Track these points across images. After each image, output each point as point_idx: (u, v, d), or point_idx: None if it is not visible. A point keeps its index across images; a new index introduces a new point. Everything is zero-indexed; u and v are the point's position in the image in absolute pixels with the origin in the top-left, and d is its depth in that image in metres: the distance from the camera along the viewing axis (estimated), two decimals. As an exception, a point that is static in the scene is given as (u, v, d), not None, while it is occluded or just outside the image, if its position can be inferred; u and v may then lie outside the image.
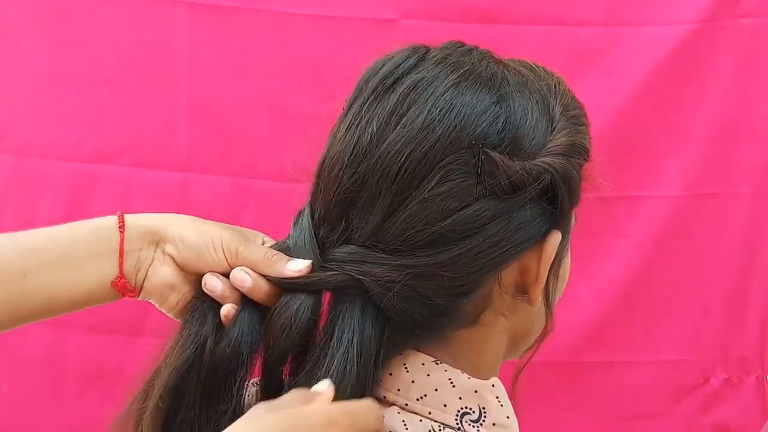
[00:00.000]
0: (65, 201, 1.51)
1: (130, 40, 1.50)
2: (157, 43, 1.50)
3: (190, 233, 0.65)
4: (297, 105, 1.50)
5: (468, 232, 0.57)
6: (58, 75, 1.50)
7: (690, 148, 1.52)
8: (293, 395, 0.56)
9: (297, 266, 0.61)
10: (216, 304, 0.63)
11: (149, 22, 1.50)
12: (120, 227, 0.65)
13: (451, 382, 0.60)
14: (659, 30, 1.49)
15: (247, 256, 0.63)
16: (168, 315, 0.67)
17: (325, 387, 0.56)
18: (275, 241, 0.67)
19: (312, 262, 0.61)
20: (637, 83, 1.48)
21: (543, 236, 0.60)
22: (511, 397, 0.63)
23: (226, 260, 0.64)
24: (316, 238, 0.61)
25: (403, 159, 0.57)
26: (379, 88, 0.60)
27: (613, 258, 1.53)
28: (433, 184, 0.57)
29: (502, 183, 0.57)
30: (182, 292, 0.66)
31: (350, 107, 0.62)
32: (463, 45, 0.64)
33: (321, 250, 0.61)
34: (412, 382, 0.60)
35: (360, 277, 0.58)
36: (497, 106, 0.59)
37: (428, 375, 0.60)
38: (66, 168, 1.51)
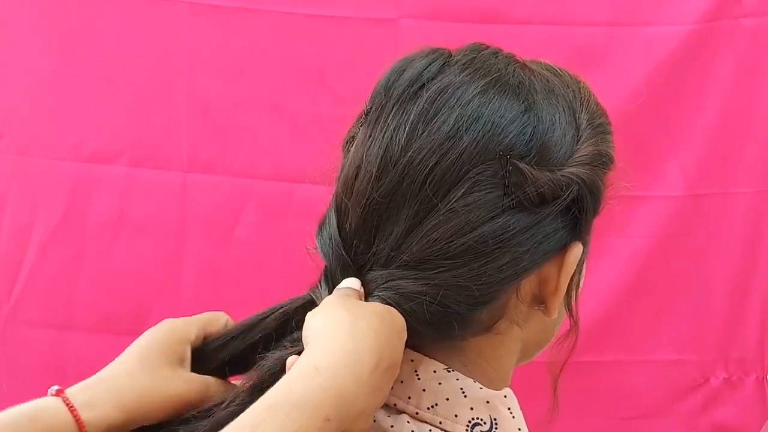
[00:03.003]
0: (65, 201, 1.51)
1: (131, 40, 1.50)
2: (158, 43, 1.50)
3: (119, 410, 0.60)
4: (297, 105, 1.50)
5: (496, 244, 0.56)
6: (58, 75, 1.50)
7: (690, 148, 1.52)
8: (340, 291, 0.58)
9: None
10: None
11: (150, 22, 1.50)
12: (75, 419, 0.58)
13: (463, 392, 0.59)
14: (659, 30, 1.49)
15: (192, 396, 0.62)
16: None
17: (357, 286, 0.58)
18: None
19: None
20: (637, 83, 1.48)
21: (564, 247, 0.60)
22: (551, 397, 0.63)
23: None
24: (350, 258, 0.60)
25: (429, 169, 0.56)
26: (405, 95, 0.59)
27: (613, 258, 1.53)
28: (459, 195, 0.56)
29: (530, 194, 0.56)
30: None
31: (374, 113, 0.60)
32: (486, 47, 0.63)
33: (359, 272, 0.60)
34: (423, 390, 0.59)
35: (388, 295, 0.58)
36: (525, 115, 0.58)
37: (440, 383, 0.59)
38: (66, 168, 1.51)
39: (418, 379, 0.60)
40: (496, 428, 0.59)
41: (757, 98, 1.51)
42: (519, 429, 0.60)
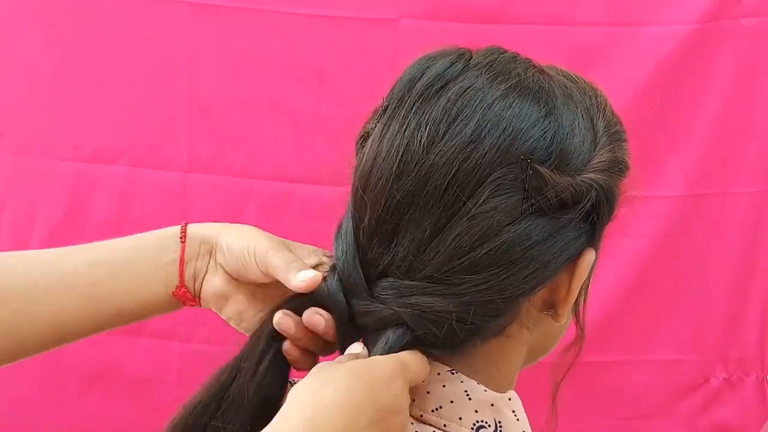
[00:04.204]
0: (65, 201, 1.51)
1: (131, 40, 1.50)
2: (158, 43, 1.50)
3: (235, 242, 0.65)
4: (297, 105, 1.50)
5: (521, 252, 0.56)
6: (58, 75, 1.51)
7: (690, 148, 1.52)
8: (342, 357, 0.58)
9: (301, 277, 0.61)
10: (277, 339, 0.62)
11: (150, 22, 1.50)
12: (182, 237, 0.66)
13: (467, 395, 0.59)
14: (659, 30, 1.49)
15: (270, 261, 0.63)
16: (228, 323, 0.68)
17: (360, 349, 0.58)
18: (330, 260, 0.64)
19: (322, 275, 0.61)
20: (637, 83, 1.48)
21: (578, 254, 0.59)
22: (551, 400, 0.63)
23: (258, 267, 0.63)
24: (362, 262, 0.59)
25: (452, 173, 0.56)
26: (427, 93, 0.58)
27: (614, 258, 1.53)
28: (481, 200, 0.56)
29: (550, 199, 0.56)
30: (237, 303, 0.67)
31: (394, 110, 0.59)
32: (504, 51, 0.63)
33: (369, 279, 0.59)
34: (427, 392, 0.59)
35: (407, 312, 0.57)
36: (545, 120, 0.58)
37: (444, 386, 0.59)
38: (66, 168, 1.51)
39: (422, 381, 0.59)
40: (500, 431, 0.58)
41: (757, 98, 1.51)
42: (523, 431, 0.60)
